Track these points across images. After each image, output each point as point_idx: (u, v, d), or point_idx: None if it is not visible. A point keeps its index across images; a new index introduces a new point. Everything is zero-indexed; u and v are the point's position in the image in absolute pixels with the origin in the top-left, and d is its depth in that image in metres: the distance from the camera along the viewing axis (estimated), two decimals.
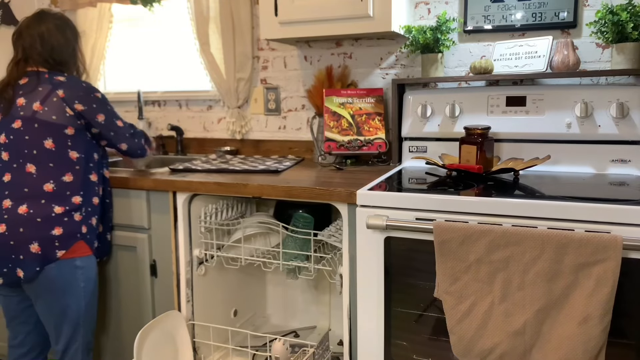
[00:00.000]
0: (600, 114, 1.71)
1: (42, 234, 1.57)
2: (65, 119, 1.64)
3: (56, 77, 1.68)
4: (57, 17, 1.77)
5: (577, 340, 1.22)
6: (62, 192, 1.63)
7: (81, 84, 1.70)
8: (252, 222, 1.87)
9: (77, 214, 1.65)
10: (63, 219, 1.61)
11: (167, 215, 1.83)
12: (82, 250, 1.66)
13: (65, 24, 1.78)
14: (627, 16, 1.63)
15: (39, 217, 1.58)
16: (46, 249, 1.58)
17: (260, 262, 1.87)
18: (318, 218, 1.93)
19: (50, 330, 1.69)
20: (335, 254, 1.77)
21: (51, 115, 1.62)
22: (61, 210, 1.61)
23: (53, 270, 1.60)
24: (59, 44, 1.73)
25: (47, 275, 1.60)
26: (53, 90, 1.64)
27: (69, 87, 1.66)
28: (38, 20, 1.73)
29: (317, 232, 1.71)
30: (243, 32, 2.32)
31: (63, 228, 1.61)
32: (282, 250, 1.79)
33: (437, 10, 2.03)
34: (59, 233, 1.60)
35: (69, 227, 1.62)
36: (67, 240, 1.62)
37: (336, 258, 1.75)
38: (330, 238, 1.69)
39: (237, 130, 2.43)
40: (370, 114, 2.08)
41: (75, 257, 1.64)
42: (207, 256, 1.92)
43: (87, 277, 1.69)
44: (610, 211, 1.23)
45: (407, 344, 1.50)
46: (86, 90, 1.69)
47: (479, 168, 1.64)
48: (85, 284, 1.68)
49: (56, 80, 1.67)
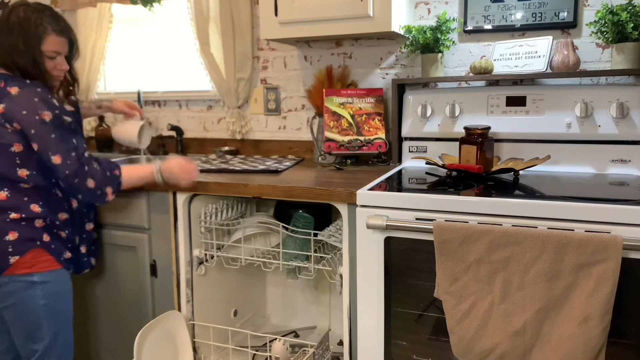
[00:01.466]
0: (600, 114, 1.71)
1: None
2: (7, 136, 1.46)
3: (9, 88, 1.47)
4: (17, 14, 1.50)
5: (577, 340, 1.22)
6: (18, 201, 1.49)
7: (31, 100, 1.45)
8: (252, 222, 1.87)
9: (40, 220, 1.52)
10: (20, 224, 1.49)
11: (167, 215, 1.83)
12: (44, 265, 1.52)
13: (26, 23, 1.49)
14: (627, 16, 1.63)
15: None
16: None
17: (260, 262, 1.86)
18: (318, 218, 1.92)
19: (20, 348, 1.56)
20: (335, 254, 1.76)
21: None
22: (17, 216, 1.49)
23: (7, 286, 1.48)
24: (10, 46, 1.49)
25: (2, 290, 1.49)
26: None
27: (13, 102, 1.45)
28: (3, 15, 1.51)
29: (317, 232, 1.71)
30: (243, 32, 2.32)
31: (19, 233, 1.48)
32: (282, 250, 1.78)
33: (437, 10, 2.03)
34: (14, 238, 1.48)
35: (25, 232, 1.49)
36: (22, 245, 1.48)
37: (336, 258, 1.75)
38: (330, 238, 1.69)
39: (237, 130, 2.43)
40: (370, 114, 2.08)
41: (32, 272, 1.49)
42: (207, 256, 1.90)
43: (50, 293, 1.52)
44: (610, 211, 1.23)
45: (407, 344, 1.50)
46: (32, 108, 1.45)
47: (479, 168, 1.64)
48: (46, 301, 1.51)
49: (6, 91, 1.47)
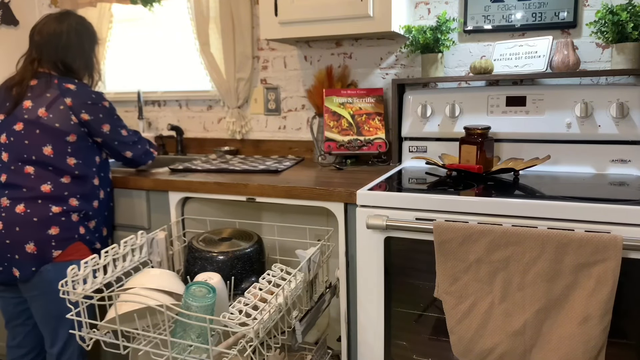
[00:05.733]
0: (600, 114, 1.71)
1: (38, 234, 1.57)
2: (69, 127, 1.62)
3: (65, 84, 1.66)
4: (77, 21, 1.74)
5: (577, 340, 1.22)
6: (60, 193, 1.61)
7: (90, 93, 1.67)
8: (140, 289, 1.39)
9: (75, 214, 1.64)
10: (60, 219, 1.60)
11: (167, 216, 1.83)
12: (81, 253, 1.64)
13: (84, 29, 1.75)
14: (627, 16, 1.63)
15: (36, 216, 1.57)
16: (42, 249, 1.57)
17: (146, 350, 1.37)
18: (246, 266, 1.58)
19: (46, 333, 1.67)
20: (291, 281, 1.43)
21: (55, 123, 1.61)
22: (58, 210, 1.60)
23: (50, 272, 1.59)
24: (71, 50, 1.71)
25: (43, 277, 1.59)
26: (60, 97, 1.63)
27: (77, 96, 1.64)
28: (57, 21, 1.71)
29: (214, 318, 1.24)
30: (243, 32, 2.32)
31: (60, 228, 1.60)
32: (169, 338, 1.27)
33: (437, 10, 2.03)
34: (56, 233, 1.59)
35: (66, 227, 1.61)
36: (64, 241, 1.60)
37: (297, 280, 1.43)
38: (230, 321, 1.22)
39: (237, 130, 2.43)
40: (370, 113, 2.08)
41: (73, 259, 1.62)
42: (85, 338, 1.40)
43: None
44: (610, 211, 1.23)
45: (407, 344, 1.50)
46: (95, 99, 1.67)
47: (479, 168, 1.64)
48: None
49: (65, 87, 1.65)
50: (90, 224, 1.69)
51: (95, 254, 1.45)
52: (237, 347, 1.28)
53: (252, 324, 1.21)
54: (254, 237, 1.70)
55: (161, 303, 1.28)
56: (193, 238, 1.69)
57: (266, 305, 1.29)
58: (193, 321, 1.25)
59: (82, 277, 1.37)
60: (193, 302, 1.28)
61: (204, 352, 1.31)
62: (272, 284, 1.42)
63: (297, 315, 1.46)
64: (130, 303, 1.33)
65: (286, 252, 2.02)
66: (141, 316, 1.48)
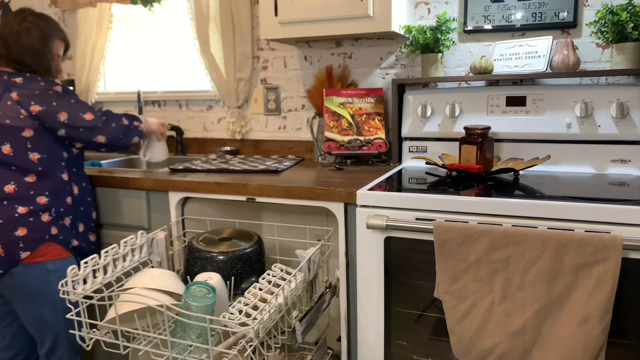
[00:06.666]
0: (600, 114, 1.71)
1: (4, 236, 1.54)
2: (20, 122, 1.57)
3: (13, 79, 1.60)
4: (27, 19, 1.67)
5: (577, 340, 1.22)
6: (25, 193, 1.58)
7: (38, 82, 1.61)
8: (140, 289, 1.39)
9: (46, 214, 1.60)
10: (28, 220, 1.57)
11: (167, 216, 1.83)
12: (55, 253, 1.61)
13: (34, 26, 1.66)
14: (627, 16, 1.63)
15: (1, 218, 1.54)
16: (9, 250, 1.54)
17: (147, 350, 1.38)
18: (248, 264, 1.59)
19: (33, 334, 1.65)
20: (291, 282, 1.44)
21: (5, 119, 1.56)
22: (25, 210, 1.57)
23: (22, 274, 1.56)
24: (21, 47, 1.65)
25: (15, 279, 1.56)
26: (6, 93, 1.58)
27: (23, 88, 1.59)
28: (11, 20, 1.66)
29: (213, 318, 1.23)
30: (243, 32, 2.32)
31: (28, 229, 1.56)
32: (169, 338, 1.28)
33: (437, 10, 2.03)
34: (23, 234, 1.56)
35: (34, 228, 1.57)
36: (32, 242, 1.57)
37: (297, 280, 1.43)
38: (229, 321, 1.23)
39: (237, 130, 2.43)
40: (370, 113, 2.08)
41: (46, 260, 1.58)
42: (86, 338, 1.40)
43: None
44: (610, 211, 1.23)
45: (407, 344, 1.50)
46: (43, 87, 1.60)
47: (479, 168, 1.64)
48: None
49: (12, 81, 1.60)
50: (64, 221, 1.65)
51: (94, 255, 1.43)
52: (237, 347, 1.28)
53: (252, 324, 1.21)
54: (254, 237, 1.70)
55: (161, 303, 1.28)
56: (193, 238, 1.69)
57: (266, 305, 1.29)
58: (193, 321, 1.25)
59: (82, 277, 1.37)
60: (193, 302, 1.27)
61: (204, 352, 1.30)
62: (272, 284, 1.42)
63: (297, 315, 1.46)
64: (130, 303, 1.33)
65: (286, 252, 2.02)
66: (141, 316, 1.48)
